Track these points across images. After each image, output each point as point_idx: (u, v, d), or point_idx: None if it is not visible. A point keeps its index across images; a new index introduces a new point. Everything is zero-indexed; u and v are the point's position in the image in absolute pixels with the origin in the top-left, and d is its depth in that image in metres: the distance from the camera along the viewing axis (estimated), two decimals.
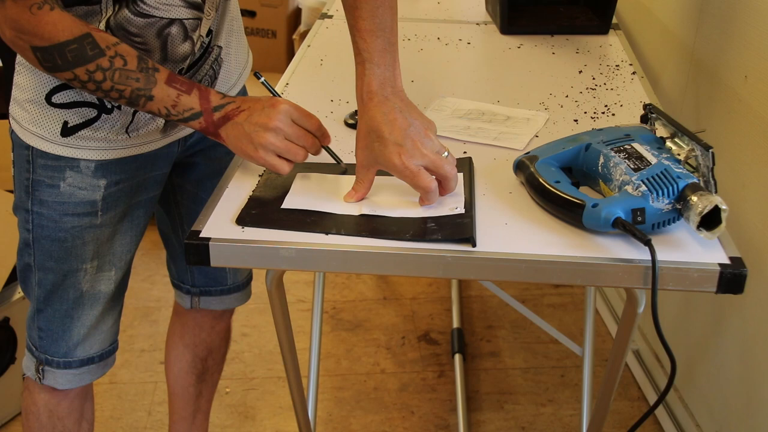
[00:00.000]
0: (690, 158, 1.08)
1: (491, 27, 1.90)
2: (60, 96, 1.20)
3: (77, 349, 1.35)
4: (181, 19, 1.18)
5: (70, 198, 1.25)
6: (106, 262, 1.32)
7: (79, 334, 1.34)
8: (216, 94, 1.13)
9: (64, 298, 1.31)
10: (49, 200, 1.25)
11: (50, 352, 1.35)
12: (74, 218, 1.27)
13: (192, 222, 1.44)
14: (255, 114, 1.10)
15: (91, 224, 1.28)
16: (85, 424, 1.47)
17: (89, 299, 1.33)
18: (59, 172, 1.24)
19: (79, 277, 1.31)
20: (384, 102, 1.10)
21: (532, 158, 1.15)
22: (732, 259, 1.01)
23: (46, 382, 1.36)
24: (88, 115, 1.21)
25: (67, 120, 1.21)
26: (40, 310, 1.33)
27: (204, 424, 1.72)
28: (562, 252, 1.02)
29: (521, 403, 2.06)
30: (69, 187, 1.25)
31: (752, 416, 1.58)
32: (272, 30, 4.01)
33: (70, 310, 1.32)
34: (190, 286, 1.55)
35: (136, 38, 1.15)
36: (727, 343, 1.67)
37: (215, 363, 1.66)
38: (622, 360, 1.27)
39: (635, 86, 1.55)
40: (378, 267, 1.07)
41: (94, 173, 1.25)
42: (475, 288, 2.48)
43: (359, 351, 2.23)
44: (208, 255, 1.05)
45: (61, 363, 1.35)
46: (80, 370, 1.37)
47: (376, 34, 1.12)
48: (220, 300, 1.56)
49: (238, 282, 1.56)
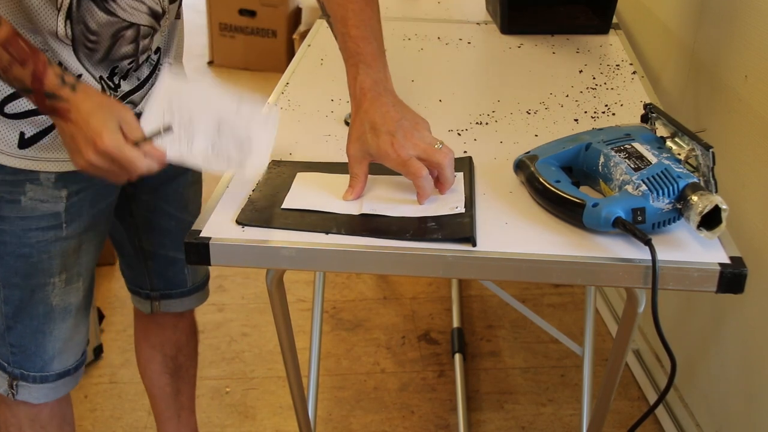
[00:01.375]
0: (690, 158, 1.08)
1: (491, 27, 1.90)
2: (13, 106, 1.16)
3: (53, 363, 1.32)
4: (140, 25, 1.17)
5: (33, 212, 1.21)
6: (74, 274, 1.29)
7: (54, 348, 1.31)
8: (54, 77, 1.05)
9: (34, 314, 1.28)
10: (11, 216, 1.21)
11: (25, 367, 1.31)
12: (39, 232, 1.23)
13: (148, 229, 1.44)
14: (78, 136, 1.05)
15: (57, 237, 1.24)
16: (67, 427, 1.44)
17: (60, 313, 1.30)
18: (19, 186, 1.20)
19: (47, 291, 1.27)
20: (377, 98, 1.11)
21: (532, 158, 1.15)
22: (732, 259, 1.01)
23: (20, 397, 1.33)
24: (44, 124, 1.18)
25: (24, 131, 1.17)
26: (9, 327, 1.29)
27: (191, 420, 1.72)
28: (562, 252, 1.02)
29: (521, 402, 2.06)
30: (30, 201, 1.20)
31: (752, 416, 1.58)
32: (272, 29, 4.01)
33: (41, 326, 1.29)
34: (149, 290, 1.52)
35: (92, 36, 1.13)
36: (727, 343, 1.67)
37: (187, 359, 1.65)
38: (622, 360, 1.27)
39: (635, 86, 1.55)
40: (378, 266, 1.07)
41: (54, 184, 1.21)
42: (475, 287, 2.48)
43: (359, 350, 2.23)
44: (209, 255, 1.05)
45: (37, 378, 1.32)
46: (56, 384, 1.34)
47: (368, 40, 1.15)
48: (180, 302, 1.54)
49: (198, 282, 1.54)
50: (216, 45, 4.13)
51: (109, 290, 2.44)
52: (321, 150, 1.28)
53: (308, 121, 1.38)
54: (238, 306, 2.40)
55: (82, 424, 1.97)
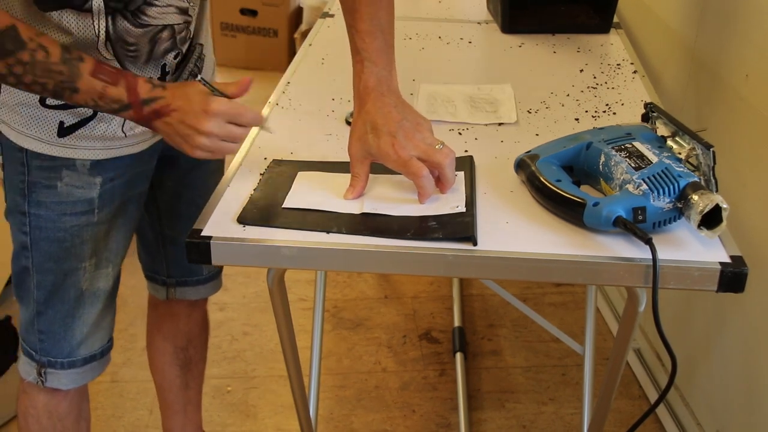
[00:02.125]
0: (691, 157, 1.08)
1: (492, 26, 1.90)
2: None
3: (81, 348, 1.35)
4: (173, 24, 1.19)
5: (68, 197, 1.25)
6: (103, 259, 1.32)
7: (82, 332, 1.34)
8: (145, 84, 1.11)
9: (65, 298, 1.31)
10: (47, 201, 1.24)
11: (53, 353, 1.34)
12: (73, 217, 1.26)
13: (171, 215, 1.47)
14: (188, 117, 1.10)
15: (89, 222, 1.27)
16: (83, 422, 1.47)
17: (89, 297, 1.33)
18: (56, 172, 1.23)
19: (78, 276, 1.30)
20: (380, 98, 1.12)
21: (533, 157, 1.16)
22: (733, 258, 1.01)
23: (49, 384, 1.36)
24: (84, 114, 1.21)
25: (63, 120, 1.21)
26: (40, 312, 1.32)
27: (196, 416, 1.73)
28: (563, 251, 1.02)
29: (522, 401, 2.06)
30: (66, 187, 1.24)
31: (753, 414, 1.58)
32: (273, 29, 4.01)
33: (71, 310, 1.32)
34: (165, 277, 1.55)
35: (131, 47, 1.16)
36: (728, 342, 1.67)
37: (197, 352, 1.67)
38: (623, 358, 1.27)
39: (636, 85, 1.55)
40: (379, 266, 1.07)
41: (90, 171, 1.25)
42: (476, 287, 2.48)
43: (360, 350, 2.24)
44: (209, 254, 1.05)
45: (65, 363, 1.35)
46: (84, 368, 1.37)
47: (374, 35, 1.14)
48: (195, 290, 1.56)
49: (213, 271, 1.57)
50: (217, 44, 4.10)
51: None
52: (322, 149, 1.28)
53: (309, 120, 1.38)
54: (240, 305, 2.41)
55: None
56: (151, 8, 1.14)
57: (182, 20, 1.20)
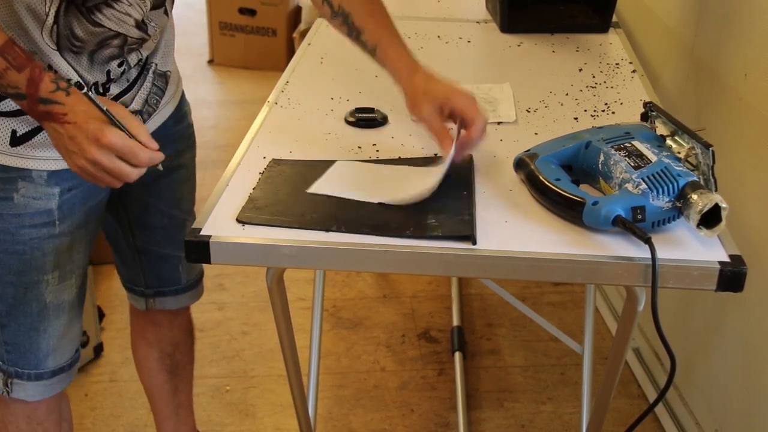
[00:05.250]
0: (690, 156, 1.08)
1: (491, 25, 1.90)
2: (5, 104, 1.16)
3: (48, 360, 1.33)
4: (126, 35, 1.17)
5: (26, 209, 1.21)
6: (68, 271, 1.29)
7: (48, 345, 1.32)
8: (50, 83, 1.06)
9: (28, 311, 1.28)
10: (4, 213, 1.21)
11: (20, 364, 1.31)
12: (32, 230, 1.23)
13: (141, 226, 1.44)
14: (79, 136, 1.06)
15: (50, 234, 1.24)
16: (65, 423, 1.45)
17: (54, 310, 1.30)
18: (11, 183, 1.20)
19: (41, 288, 1.27)
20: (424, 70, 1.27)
21: (532, 156, 1.16)
22: (732, 257, 1.01)
23: (15, 395, 1.33)
24: (36, 122, 1.16)
25: (15, 128, 1.17)
26: (3, 325, 1.29)
27: (189, 418, 1.72)
28: (562, 250, 1.02)
29: (521, 401, 2.06)
30: (23, 198, 1.21)
31: (752, 414, 1.58)
32: (272, 28, 4.01)
33: (35, 323, 1.29)
34: (143, 287, 1.52)
35: (77, 41, 1.14)
36: (727, 341, 1.68)
37: (183, 356, 1.65)
38: (621, 358, 1.27)
39: (635, 84, 1.55)
40: (378, 265, 1.07)
41: (47, 182, 1.21)
42: (475, 286, 2.48)
43: (359, 349, 2.24)
44: (209, 253, 1.05)
45: (32, 375, 1.32)
46: (51, 381, 1.34)
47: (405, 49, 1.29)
48: (175, 299, 1.54)
49: (192, 280, 1.55)
50: (216, 44, 4.13)
51: (109, 288, 2.44)
52: (321, 148, 1.28)
53: (308, 119, 1.38)
54: (238, 304, 2.40)
55: (82, 423, 1.97)
56: (108, 9, 1.12)
57: (138, 35, 1.19)
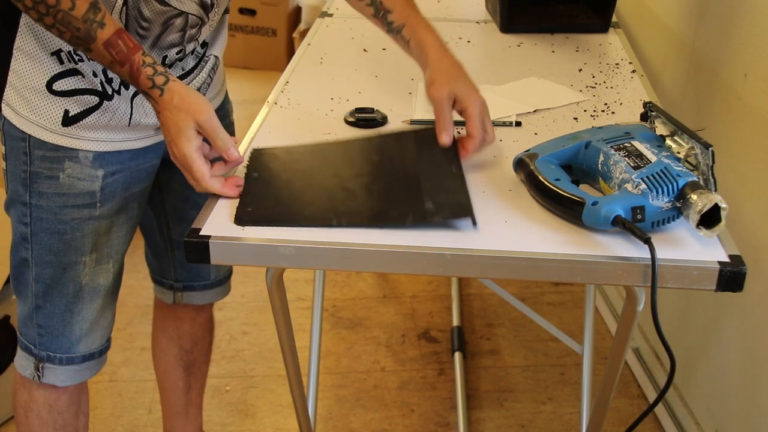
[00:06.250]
0: (690, 156, 1.08)
1: (491, 25, 1.90)
2: (61, 83, 1.19)
3: (80, 345, 1.35)
4: (188, 13, 1.20)
5: (70, 189, 1.25)
6: (104, 255, 1.32)
7: (81, 329, 1.34)
8: (146, 79, 1.10)
9: (64, 292, 1.31)
10: (49, 192, 1.24)
11: (51, 348, 1.34)
12: (74, 210, 1.26)
13: (178, 219, 1.46)
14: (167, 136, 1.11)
15: (90, 216, 1.27)
16: (82, 417, 1.47)
17: (89, 293, 1.32)
18: (58, 163, 1.23)
19: (78, 270, 1.30)
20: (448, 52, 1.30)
21: (531, 156, 1.16)
22: (731, 257, 1.01)
23: (45, 380, 1.36)
24: (89, 103, 1.21)
25: (68, 109, 1.21)
26: (38, 306, 1.32)
27: (198, 418, 1.73)
28: (561, 250, 1.02)
29: (521, 401, 2.06)
30: (68, 178, 1.24)
31: (752, 414, 1.58)
32: (272, 28, 4.01)
33: (70, 305, 1.32)
34: (172, 281, 1.55)
35: (144, 23, 1.16)
36: (726, 341, 1.68)
37: (201, 354, 1.66)
38: (621, 358, 1.27)
39: (635, 84, 1.55)
40: (378, 265, 1.07)
41: (92, 163, 1.24)
42: (474, 286, 2.48)
43: (359, 349, 2.24)
44: (208, 253, 1.05)
45: (63, 359, 1.35)
46: (81, 366, 1.37)
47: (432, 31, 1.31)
48: (202, 294, 1.57)
49: (221, 276, 1.57)
50: None
51: None
52: None
53: (308, 119, 1.38)
54: (238, 304, 2.41)
55: None
56: None
57: (198, 14, 1.21)
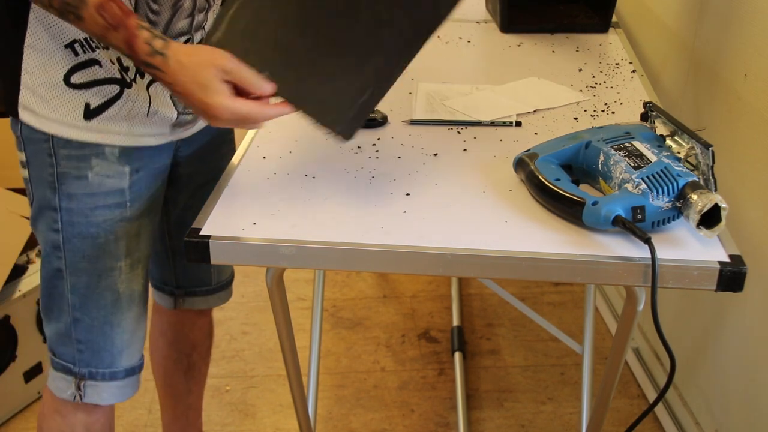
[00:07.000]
0: (690, 156, 1.08)
1: (491, 25, 1.90)
2: (79, 75, 1.15)
3: (122, 358, 1.29)
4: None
5: (100, 188, 1.20)
6: (136, 260, 1.27)
7: (122, 340, 1.28)
8: (144, 44, 1.02)
9: (101, 303, 1.25)
10: (79, 192, 1.19)
11: (93, 364, 1.27)
12: (106, 210, 1.21)
13: (181, 227, 1.44)
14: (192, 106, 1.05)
15: (122, 217, 1.23)
16: None
17: (126, 301, 1.27)
18: (85, 161, 1.18)
19: (114, 277, 1.25)
20: None
21: (532, 156, 1.16)
22: (732, 257, 1.01)
23: (87, 399, 1.28)
24: (110, 93, 1.16)
25: (89, 101, 1.16)
26: (77, 320, 1.25)
27: (197, 421, 1.72)
28: (562, 250, 1.02)
29: (521, 401, 2.06)
30: (97, 177, 1.19)
31: (752, 414, 1.58)
32: None
33: (109, 316, 1.26)
34: (174, 287, 1.52)
35: (154, 5, 1.13)
36: (726, 341, 1.68)
37: (200, 357, 1.65)
38: (621, 358, 1.27)
39: (635, 84, 1.55)
40: (378, 265, 1.07)
41: (119, 159, 1.20)
42: (474, 286, 2.48)
43: (359, 349, 2.24)
44: (209, 253, 1.05)
45: (107, 374, 1.28)
46: (124, 382, 1.31)
47: None
48: (204, 300, 1.54)
49: (222, 281, 1.55)
50: None
51: None
52: (321, 148, 1.28)
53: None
54: (238, 304, 2.40)
55: None
56: None
57: None
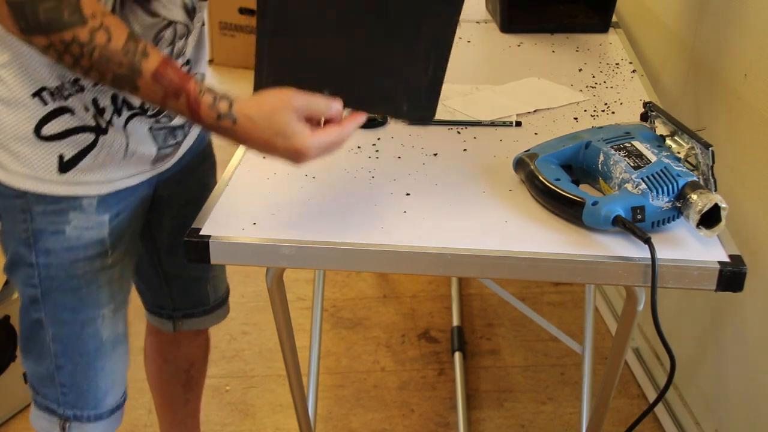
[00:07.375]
0: (690, 156, 1.08)
1: (491, 25, 1.90)
2: (50, 126, 1.08)
3: (107, 399, 1.27)
4: (176, 22, 1.12)
5: (78, 241, 1.15)
6: (119, 301, 1.24)
7: (107, 383, 1.26)
8: (208, 109, 0.96)
9: (84, 350, 1.22)
10: (56, 248, 1.14)
11: (78, 406, 1.25)
12: (86, 263, 1.17)
13: (172, 252, 1.41)
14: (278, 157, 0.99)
15: (103, 266, 1.19)
16: None
17: (111, 345, 1.25)
18: (62, 215, 1.13)
19: (97, 325, 1.21)
20: None
21: (531, 156, 1.16)
22: (731, 257, 1.01)
23: None
24: (84, 142, 1.11)
25: (63, 153, 1.10)
26: (60, 366, 1.22)
27: (196, 428, 1.72)
28: (561, 250, 1.02)
29: (521, 401, 2.06)
30: (75, 230, 1.14)
31: (752, 414, 1.58)
32: None
33: (92, 362, 1.23)
34: (171, 310, 1.48)
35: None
36: (726, 341, 1.67)
37: (198, 372, 1.63)
38: (621, 358, 1.27)
39: (635, 84, 1.55)
40: (378, 265, 1.07)
41: (97, 209, 1.16)
42: (474, 286, 2.48)
43: (359, 349, 2.23)
44: (208, 253, 1.05)
45: (92, 416, 1.26)
46: (110, 420, 1.29)
47: None
48: (202, 320, 1.51)
49: (219, 299, 1.52)
50: (216, 44, 4.13)
51: None
52: None
53: None
54: (238, 304, 2.40)
55: None
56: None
57: (184, 21, 1.13)
